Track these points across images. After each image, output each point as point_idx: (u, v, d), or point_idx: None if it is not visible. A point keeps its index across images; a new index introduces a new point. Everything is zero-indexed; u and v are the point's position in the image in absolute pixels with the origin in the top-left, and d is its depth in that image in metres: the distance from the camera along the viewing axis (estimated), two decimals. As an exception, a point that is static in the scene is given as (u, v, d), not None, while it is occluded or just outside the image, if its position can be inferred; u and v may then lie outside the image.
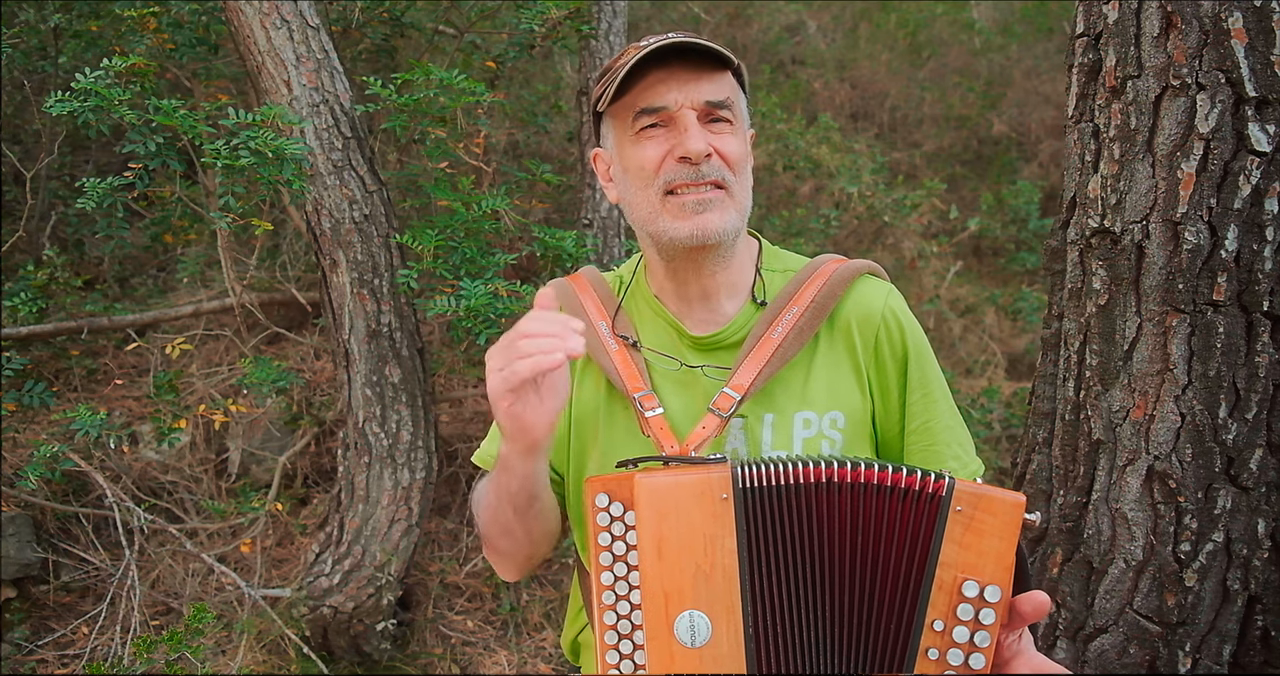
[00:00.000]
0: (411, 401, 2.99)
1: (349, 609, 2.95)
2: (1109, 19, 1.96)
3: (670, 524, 1.03)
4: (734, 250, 1.25)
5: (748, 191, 1.23)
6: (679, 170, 1.18)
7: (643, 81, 1.19)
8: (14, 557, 3.03)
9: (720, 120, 1.19)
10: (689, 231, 1.18)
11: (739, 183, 1.21)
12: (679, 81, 1.17)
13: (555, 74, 5.08)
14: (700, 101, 1.17)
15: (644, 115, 1.19)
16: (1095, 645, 2.00)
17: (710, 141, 1.18)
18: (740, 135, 1.22)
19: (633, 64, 1.16)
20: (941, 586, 1.04)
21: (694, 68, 1.18)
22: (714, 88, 1.18)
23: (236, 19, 2.77)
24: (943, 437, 1.26)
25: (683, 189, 1.18)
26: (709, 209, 1.18)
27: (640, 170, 1.20)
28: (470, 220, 2.78)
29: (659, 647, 1.03)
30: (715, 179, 1.18)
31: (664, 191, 1.19)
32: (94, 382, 3.70)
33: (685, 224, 1.18)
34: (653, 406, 1.22)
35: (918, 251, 5.06)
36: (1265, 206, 1.82)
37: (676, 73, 1.18)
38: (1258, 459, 1.88)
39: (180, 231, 3.76)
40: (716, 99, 1.18)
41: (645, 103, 1.19)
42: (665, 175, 1.18)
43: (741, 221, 1.22)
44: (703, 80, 1.18)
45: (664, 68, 1.18)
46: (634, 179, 1.22)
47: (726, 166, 1.19)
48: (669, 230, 1.19)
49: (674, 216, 1.19)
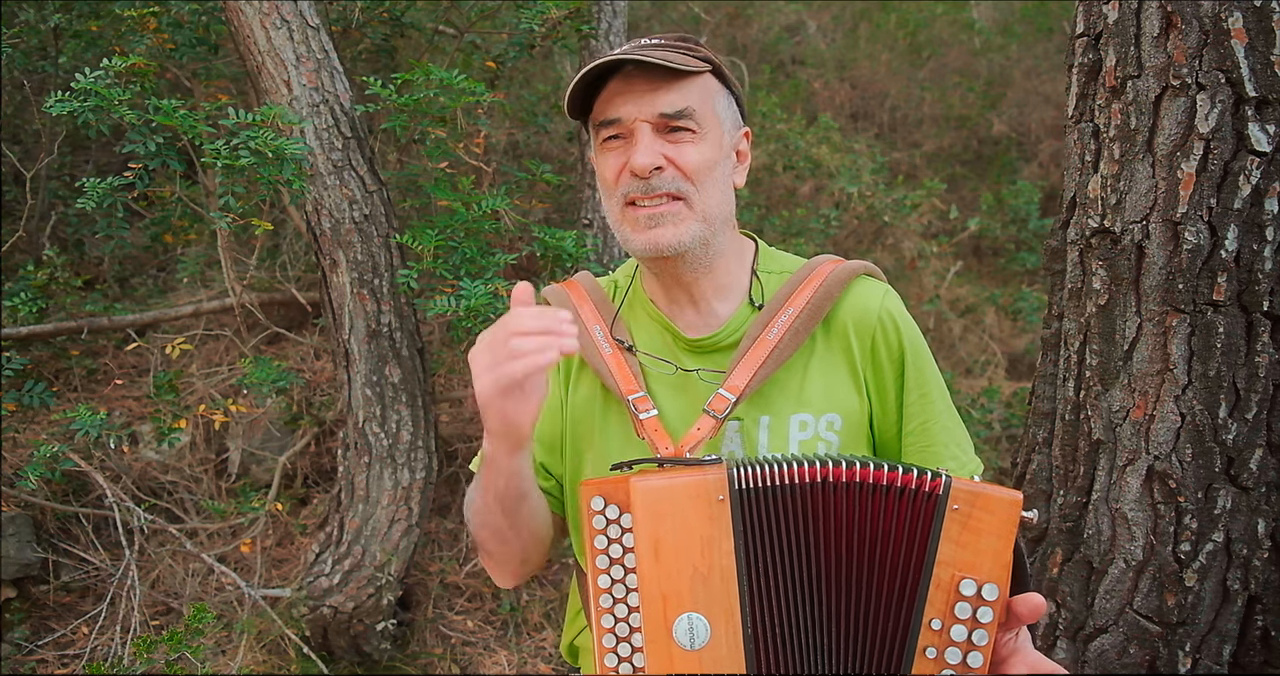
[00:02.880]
0: (411, 401, 2.99)
1: (349, 609, 2.95)
2: (1109, 19, 1.96)
3: (667, 526, 1.03)
4: (711, 255, 1.24)
5: (716, 198, 1.21)
6: (632, 183, 1.18)
7: (603, 93, 1.20)
8: (14, 557, 3.03)
9: (680, 130, 1.18)
10: (642, 244, 1.19)
11: (700, 192, 1.19)
12: (635, 94, 1.17)
13: (555, 74, 5.08)
14: (654, 113, 1.17)
15: (603, 127, 1.20)
16: (1095, 645, 2.00)
17: (666, 153, 1.17)
18: (707, 143, 1.20)
19: (579, 79, 1.17)
20: (939, 585, 1.04)
21: (651, 78, 1.17)
22: (672, 98, 1.17)
23: (236, 19, 2.77)
24: (940, 438, 1.26)
25: (639, 201, 1.19)
26: (660, 223, 1.18)
27: (604, 181, 1.23)
28: (470, 220, 2.78)
29: (658, 650, 1.03)
30: (669, 192, 1.18)
31: (624, 203, 1.20)
32: (94, 382, 3.71)
33: (640, 236, 1.19)
34: (647, 409, 1.22)
35: (918, 251, 5.06)
36: (1265, 206, 1.82)
37: (635, 84, 1.17)
38: (1258, 459, 1.88)
39: (180, 231, 3.76)
40: (672, 110, 1.17)
41: (603, 116, 1.20)
42: (622, 188, 1.19)
43: (706, 230, 1.20)
44: (660, 91, 1.17)
45: (622, 79, 1.18)
46: (602, 188, 1.25)
47: (683, 177, 1.18)
48: (629, 240, 1.21)
49: (632, 228, 1.20)
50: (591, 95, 1.21)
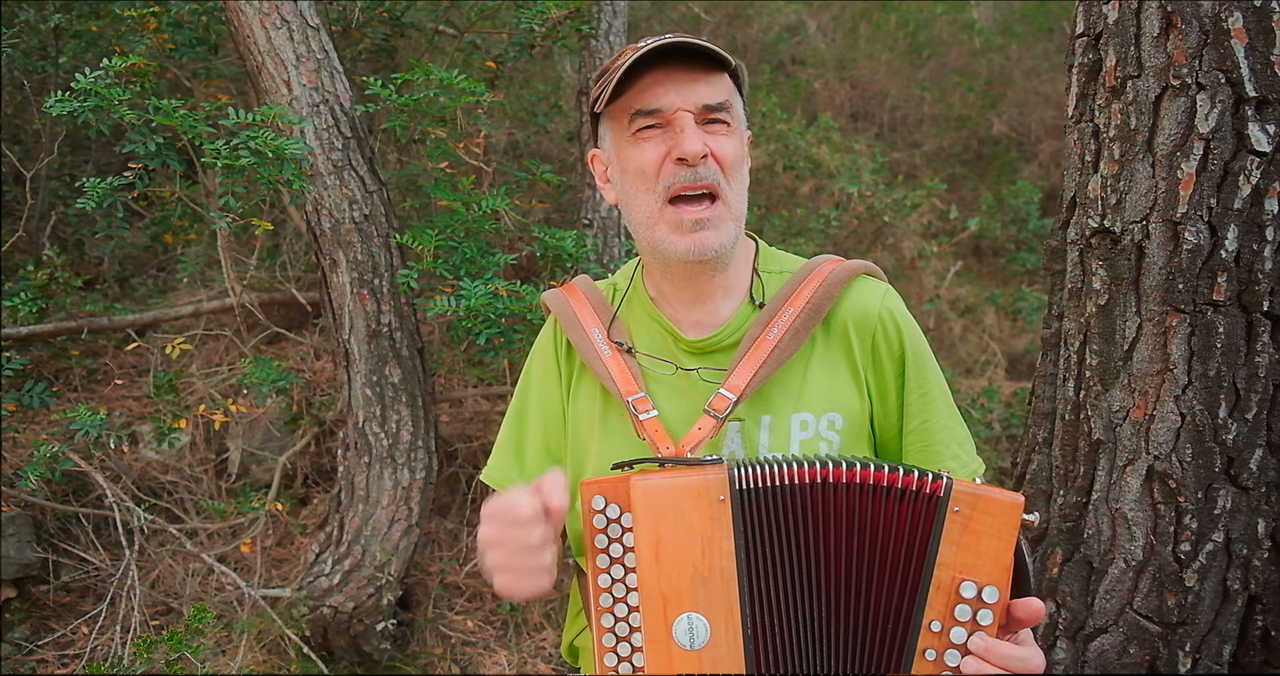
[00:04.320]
0: (411, 401, 2.99)
1: (349, 609, 2.95)
2: (1109, 19, 1.96)
3: (667, 526, 1.03)
4: (731, 255, 1.25)
5: (742, 196, 1.22)
6: (677, 173, 1.17)
7: (639, 83, 1.18)
8: (14, 557, 3.03)
9: (717, 121, 1.19)
10: (685, 248, 1.18)
11: (733, 188, 1.20)
12: (675, 83, 1.17)
13: (555, 74, 5.08)
14: (698, 103, 1.17)
15: (640, 116, 1.18)
16: (1095, 645, 2.00)
17: (707, 143, 1.17)
18: (737, 137, 1.21)
19: (628, 65, 1.15)
20: (939, 587, 1.04)
21: (691, 69, 1.17)
22: (711, 90, 1.18)
23: (236, 19, 2.77)
24: (941, 438, 1.26)
25: (684, 193, 1.17)
26: (706, 227, 1.17)
27: (640, 173, 1.19)
28: (470, 220, 2.78)
29: (658, 650, 1.03)
30: (710, 183, 1.17)
31: (666, 199, 1.18)
32: (94, 382, 3.70)
33: (682, 240, 1.18)
34: (647, 409, 1.22)
35: (918, 251, 5.06)
36: (1265, 206, 1.82)
37: (674, 74, 1.17)
38: (1258, 459, 1.88)
39: (180, 231, 3.76)
40: (714, 102, 1.17)
41: (641, 104, 1.18)
42: (665, 179, 1.17)
43: (738, 230, 1.22)
44: (699, 82, 1.17)
45: (661, 69, 1.17)
46: (633, 181, 1.21)
47: (721, 170, 1.18)
48: (665, 242, 1.19)
49: (672, 229, 1.19)
50: (621, 85, 1.19)
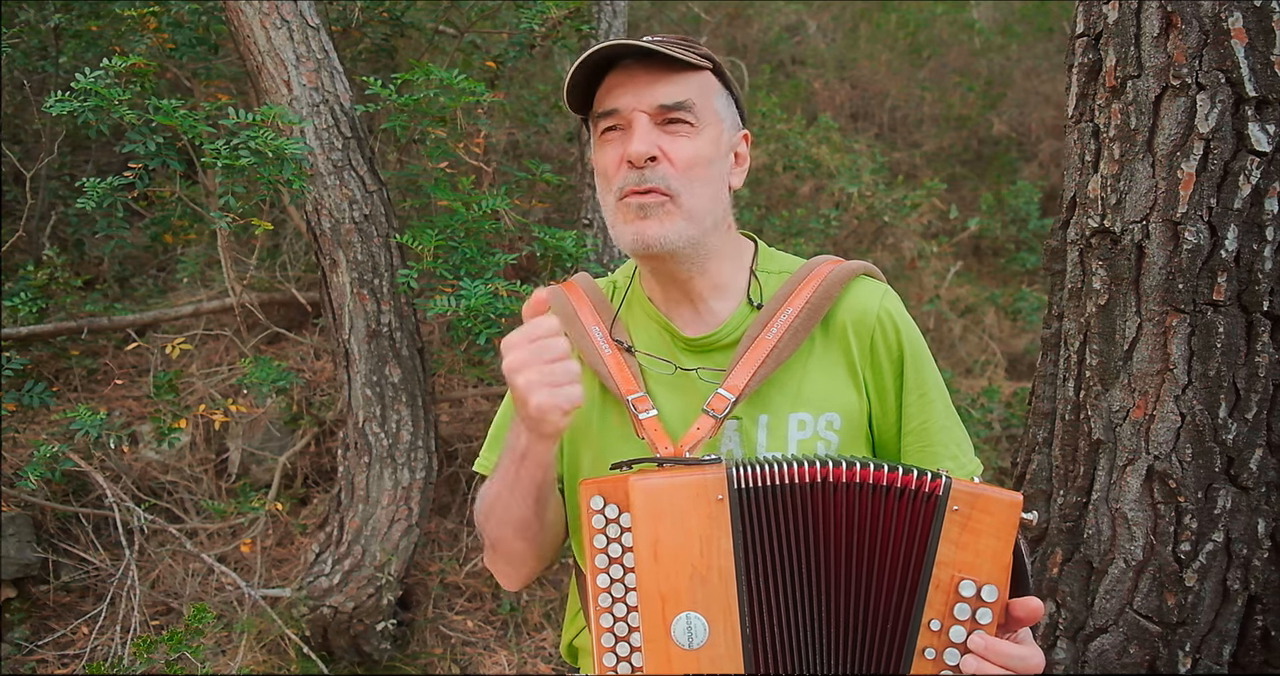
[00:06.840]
0: (411, 401, 2.99)
1: (349, 609, 2.95)
2: (1109, 19, 1.96)
3: (666, 525, 1.03)
4: (703, 256, 1.23)
5: (704, 198, 1.20)
6: (627, 175, 1.17)
7: (604, 85, 1.20)
8: (14, 557, 3.03)
9: (677, 121, 1.18)
10: (631, 236, 1.18)
11: (691, 190, 1.18)
12: (635, 85, 1.17)
13: (555, 74, 5.07)
14: (654, 104, 1.17)
15: (603, 118, 1.20)
16: (1095, 645, 2.00)
17: (661, 144, 1.16)
18: (703, 138, 1.19)
19: (575, 69, 1.17)
20: (938, 586, 1.04)
21: (651, 70, 1.17)
22: (671, 89, 1.17)
23: (236, 19, 2.77)
24: (939, 438, 1.26)
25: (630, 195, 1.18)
26: (649, 215, 1.17)
27: (603, 174, 1.22)
28: (470, 220, 2.78)
29: (656, 650, 1.03)
30: (658, 186, 1.16)
31: (619, 197, 1.19)
32: (94, 382, 3.70)
33: (628, 228, 1.18)
34: (646, 408, 1.22)
35: (918, 251, 5.06)
36: (1265, 206, 1.82)
37: (635, 75, 1.18)
38: (1258, 459, 1.88)
39: (180, 231, 3.76)
40: (671, 102, 1.17)
41: (602, 106, 1.20)
42: (617, 181, 1.18)
43: (693, 229, 1.19)
44: (659, 83, 1.17)
45: (624, 70, 1.18)
46: (600, 182, 1.24)
47: (674, 171, 1.17)
48: (620, 235, 1.20)
49: (622, 218, 1.19)
50: (593, 89, 1.21)
